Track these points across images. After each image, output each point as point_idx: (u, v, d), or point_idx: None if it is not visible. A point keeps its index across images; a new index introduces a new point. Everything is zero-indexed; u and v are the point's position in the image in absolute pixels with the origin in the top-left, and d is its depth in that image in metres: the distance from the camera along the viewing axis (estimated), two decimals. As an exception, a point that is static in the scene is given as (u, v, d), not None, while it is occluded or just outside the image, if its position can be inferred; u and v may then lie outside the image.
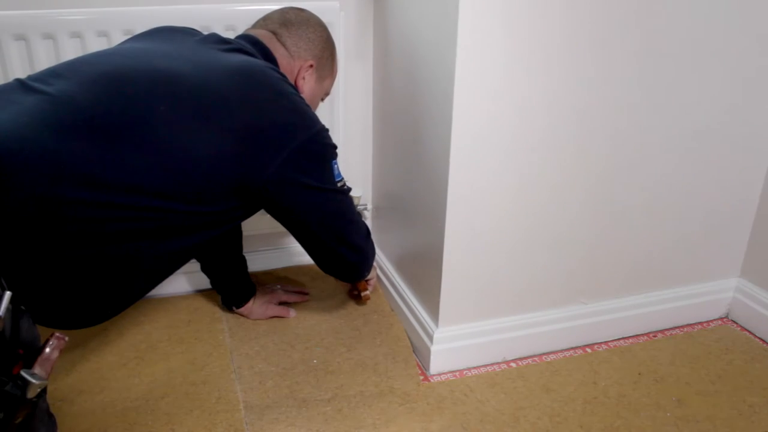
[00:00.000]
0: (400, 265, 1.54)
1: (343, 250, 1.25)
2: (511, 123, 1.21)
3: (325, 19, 1.42)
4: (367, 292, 1.54)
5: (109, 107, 0.93)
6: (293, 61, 1.23)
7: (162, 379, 1.30)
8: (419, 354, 1.40)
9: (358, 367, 1.36)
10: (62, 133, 0.88)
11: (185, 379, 1.30)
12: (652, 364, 1.40)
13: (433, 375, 1.35)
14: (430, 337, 1.34)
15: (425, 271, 1.37)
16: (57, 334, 0.85)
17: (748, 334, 1.53)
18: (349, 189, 1.23)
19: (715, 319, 1.58)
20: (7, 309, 0.79)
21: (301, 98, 1.12)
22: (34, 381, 0.76)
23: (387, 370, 1.35)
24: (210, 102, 0.99)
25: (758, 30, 1.32)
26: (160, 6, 1.34)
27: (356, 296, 1.57)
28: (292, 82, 1.20)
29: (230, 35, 1.38)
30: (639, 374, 1.37)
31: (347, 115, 1.58)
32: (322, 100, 1.37)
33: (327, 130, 1.13)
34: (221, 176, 1.00)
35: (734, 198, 1.48)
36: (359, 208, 1.69)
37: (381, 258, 1.64)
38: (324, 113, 1.51)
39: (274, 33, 1.23)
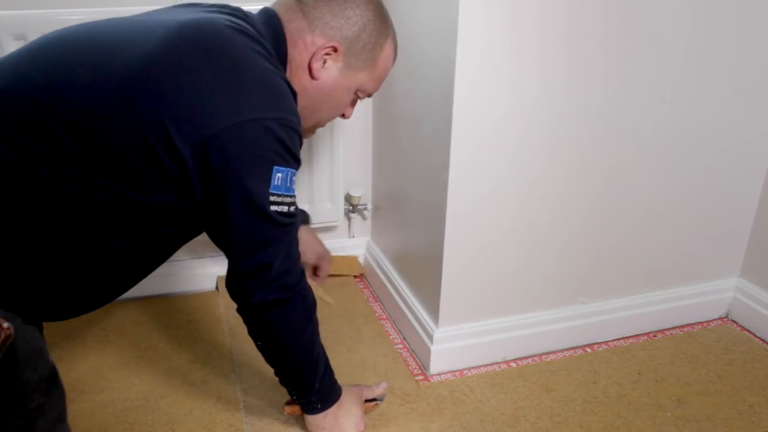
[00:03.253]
0: (400, 265, 1.54)
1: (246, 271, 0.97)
2: (511, 122, 1.21)
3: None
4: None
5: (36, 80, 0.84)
6: (312, 37, 0.98)
7: (162, 379, 1.30)
8: (419, 354, 1.40)
9: (358, 367, 1.36)
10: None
11: (185, 379, 1.30)
12: (652, 364, 1.40)
13: (433, 375, 1.35)
14: (430, 337, 1.34)
15: (425, 271, 1.37)
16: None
17: (748, 334, 1.53)
18: (293, 215, 0.95)
19: (715, 319, 1.58)
20: None
21: (276, 79, 0.92)
22: None
23: (387, 370, 1.35)
24: (140, 81, 0.84)
25: (758, 30, 1.32)
26: (160, 6, 1.33)
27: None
28: (305, 63, 1.00)
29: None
30: (639, 374, 1.37)
31: (347, 115, 1.58)
32: (359, 97, 1.09)
33: (293, 123, 0.91)
34: (138, 151, 0.84)
35: (734, 198, 1.48)
36: (359, 208, 1.69)
37: (381, 258, 1.64)
38: (324, 113, 1.52)
39: (300, 1, 1.00)
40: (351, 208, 1.69)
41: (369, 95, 1.10)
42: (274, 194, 0.91)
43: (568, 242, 1.36)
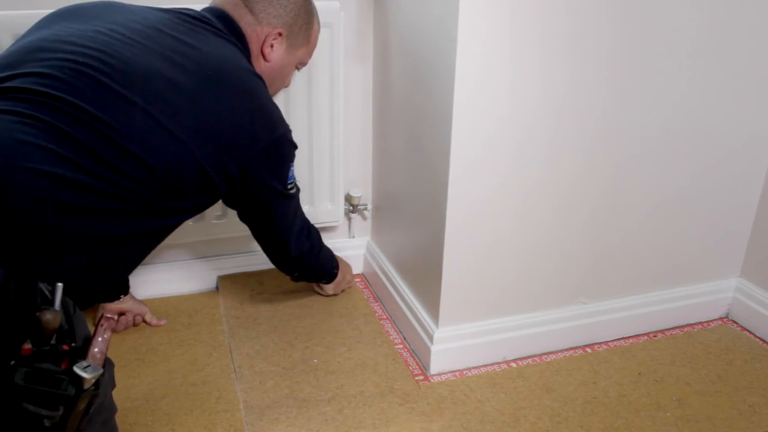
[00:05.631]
0: (400, 265, 1.54)
1: (282, 246, 1.32)
2: (511, 122, 1.21)
3: (325, 19, 1.42)
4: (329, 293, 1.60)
5: (86, 101, 0.92)
6: (260, 28, 1.19)
7: (162, 379, 1.30)
8: (419, 354, 1.40)
9: (358, 367, 1.36)
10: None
11: (185, 380, 1.30)
12: (652, 364, 1.40)
13: (433, 375, 1.35)
14: (430, 337, 1.34)
15: (425, 271, 1.37)
16: (106, 314, 0.88)
17: (748, 334, 1.53)
18: (298, 190, 1.28)
19: (715, 319, 1.58)
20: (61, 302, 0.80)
21: (269, 97, 1.15)
22: (87, 375, 0.76)
23: (387, 370, 1.35)
24: (184, 104, 0.99)
25: (758, 30, 1.32)
26: (161, 6, 1.33)
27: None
28: (258, 51, 1.19)
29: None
30: (639, 374, 1.37)
31: (347, 115, 1.58)
32: (298, 69, 1.33)
33: (290, 131, 1.17)
34: (189, 176, 1.01)
35: (734, 198, 1.48)
36: (359, 208, 1.69)
37: (381, 258, 1.64)
38: (324, 113, 1.52)
39: None
40: (351, 208, 1.69)
41: (305, 65, 1.34)
42: (290, 183, 1.22)
43: (568, 242, 1.36)
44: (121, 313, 1.44)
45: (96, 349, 0.82)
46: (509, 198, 1.27)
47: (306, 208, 1.59)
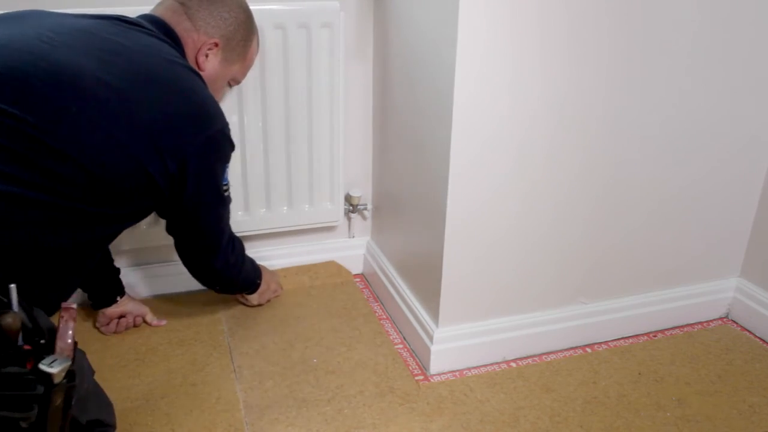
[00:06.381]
0: (400, 265, 1.54)
1: (208, 258, 1.27)
2: (511, 122, 1.21)
3: (325, 19, 1.42)
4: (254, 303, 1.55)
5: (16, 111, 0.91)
6: (197, 36, 1.18)
7: (162, 379, 1.30)
8: (419, 354, 1.40)
9: (357, 367, 1.36)
10: None
11: (185, 380, 1.30)
12: (652, 364, 1.40)
13: (433, 375, 1.35)
14: (430, 337, 1.34)
15: (425, 271, 1.37)
16: (64, 305, 0.84)
17: (748, 334, 1.53)
18: (230, 200, 1.24)
19: (715, 319, 1.58)
20: (18, 302, 0.79)
21: (208, 92, 1.13)
22: (53, 370, 0.75)
23: (387, 370, 1.35)
24: (118, 103, 0.97)
25: (758, 30, 1.32)
26: (151, 7, 1.33)
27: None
28: (193, 58, 1.18)
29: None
30: (639, 374, 1.37)
31: (347, 115, 1.58)
32: (230, 86, 1.32)
33: (228, 127, 1.14)
34: (130, 177, 1.00)
35: (734, 198, 1.48)
36: (359, 207, 1.69)
37: (381, 258, 1.64)
38: (323, 113, 1.52)
39: (183, 4, 1.18)
40: (351, 208, 1.69)
41: (238, 83, 1.33)
42: (225, 185, 1.20)
43: (568, 242, 1.36)
44: (122, 315, 1.44)
45: (62, 342, 0.81)
46: (509, 198, 1.27)
47: (306, 208, 1.60)
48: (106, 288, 1.42)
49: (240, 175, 1.51)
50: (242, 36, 1.24)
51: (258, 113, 1.47)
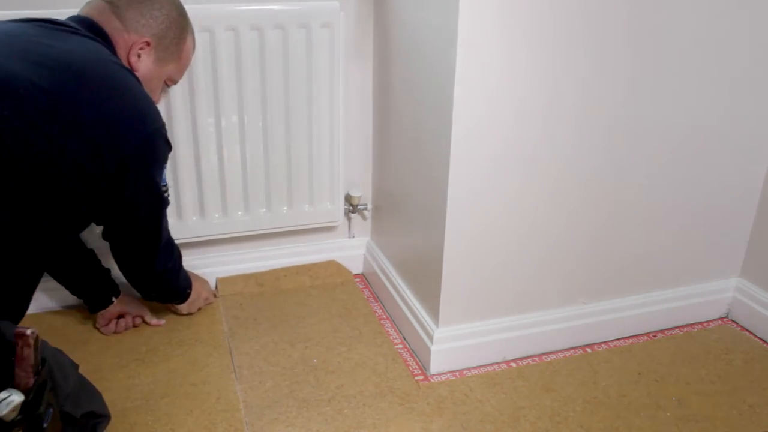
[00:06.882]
0: (400, 265, 1.54)
1: (148, 260, 1.26)
2: (511, 123, 1.21)
3: (325, 19, 1.42)
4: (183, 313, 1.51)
5: None
6: (128, 35, 1.15)
7: (162, 379, 1.30)
8: (419, 354, 1.40)
9: (357, 367, 1.36)
10: None
11: (185, 380, 1.30)
12: (652, 364, 1.40)
13: (433, 375, 1.35)
14: (430, 337, 1.34)
15: (425, 271, 1.37)
16: (18, 331, 0.79)
17: (748, 334, 1.53)
18: (168, 202, 1.23)
19: (715, 319, 1.58)
20: None
21: (143, 90, 1.11)
22: (2, 413, 0.73)
23: (387, 370, 1.35)
24: (52, 103, 0.96)
25: (758, 29, 1.32)
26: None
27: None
28: (126, 58, 1.16)
29: (230, 35, 1.38)
30: (639, 374, 1.37)
31: (347, 115, 1.58)
32: (168, 85, 1.28)
33: (165, 127, 1.13)
34: (70, 178, 0.99)
35: (734, 198, 1.48)
36: (359, 207, 1.69)
37: (381, 258, 1.64)
38: (323, 112, 1.52)
39: (111, 4, 1.15)
40: (351, 208, 1.69)
41: (175, 83, 1.29)
42: (164, 185, 1.20)
43: (568, 242, 1.36)
44: (121, 315, 1.44)
45: (20, 370, 0.78)
46: (509, 198, 1.27)
47: (306, 208, 1.60)
48: (98, 291, 1.41)
49: (240, 175, 1.51)
50: (175, 34, 1.20)
51: (258, 113, 1.47)
